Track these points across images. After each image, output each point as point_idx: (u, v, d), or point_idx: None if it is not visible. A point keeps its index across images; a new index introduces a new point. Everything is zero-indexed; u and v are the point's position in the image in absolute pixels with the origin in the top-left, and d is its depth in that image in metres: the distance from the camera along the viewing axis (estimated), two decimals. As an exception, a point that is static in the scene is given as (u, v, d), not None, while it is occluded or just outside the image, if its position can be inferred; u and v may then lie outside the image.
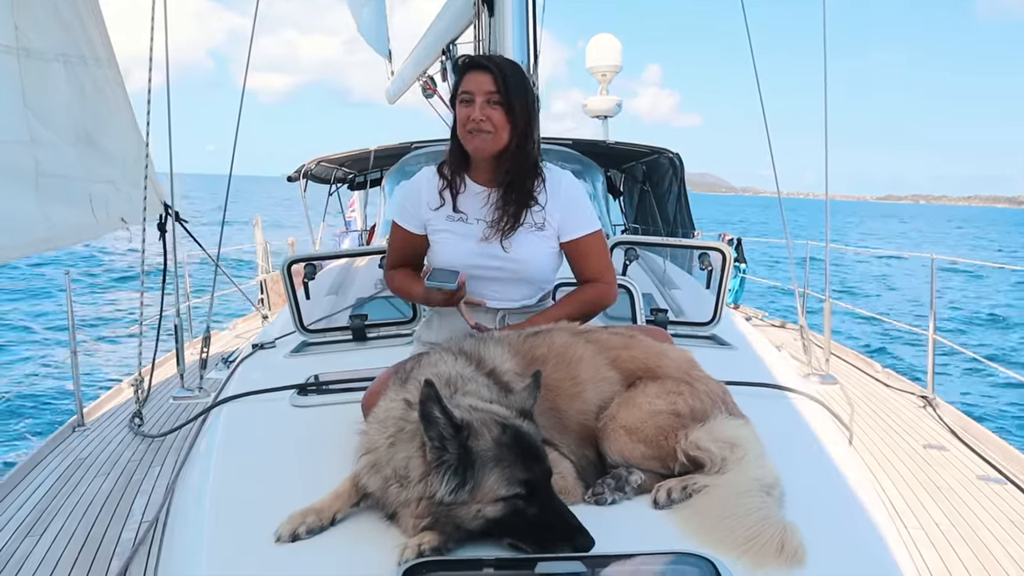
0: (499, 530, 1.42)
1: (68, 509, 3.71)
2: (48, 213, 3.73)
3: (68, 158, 3.98)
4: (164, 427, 4.88)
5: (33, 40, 3.68)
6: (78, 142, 4.11)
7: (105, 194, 4.29)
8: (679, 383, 1.81)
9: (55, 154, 3.85)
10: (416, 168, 5.79)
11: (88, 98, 4.19)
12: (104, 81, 4.35)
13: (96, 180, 4.23)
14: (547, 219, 2.22)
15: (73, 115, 4.09)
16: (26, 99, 3.64)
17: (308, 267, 3.25)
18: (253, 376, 2.79)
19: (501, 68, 2.16)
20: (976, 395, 10.74)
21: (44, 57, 3.80)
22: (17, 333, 14.33)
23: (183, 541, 1.70)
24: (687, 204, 7.71)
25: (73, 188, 4.03)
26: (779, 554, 1.39)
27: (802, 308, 5.79)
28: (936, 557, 3.19)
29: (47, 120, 3.82)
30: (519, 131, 2.16)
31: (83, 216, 4.10)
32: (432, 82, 7.04)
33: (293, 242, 10.75)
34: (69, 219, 3.98)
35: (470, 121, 2.13)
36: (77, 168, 4.07)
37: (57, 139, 3.91)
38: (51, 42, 3.85)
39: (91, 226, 4.24)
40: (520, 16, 4.02)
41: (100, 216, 4.21)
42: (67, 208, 3.94)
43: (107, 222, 4.34)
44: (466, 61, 2.24)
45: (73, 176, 4.03)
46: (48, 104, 3.84)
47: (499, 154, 2.18)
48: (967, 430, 4.81)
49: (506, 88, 2.12)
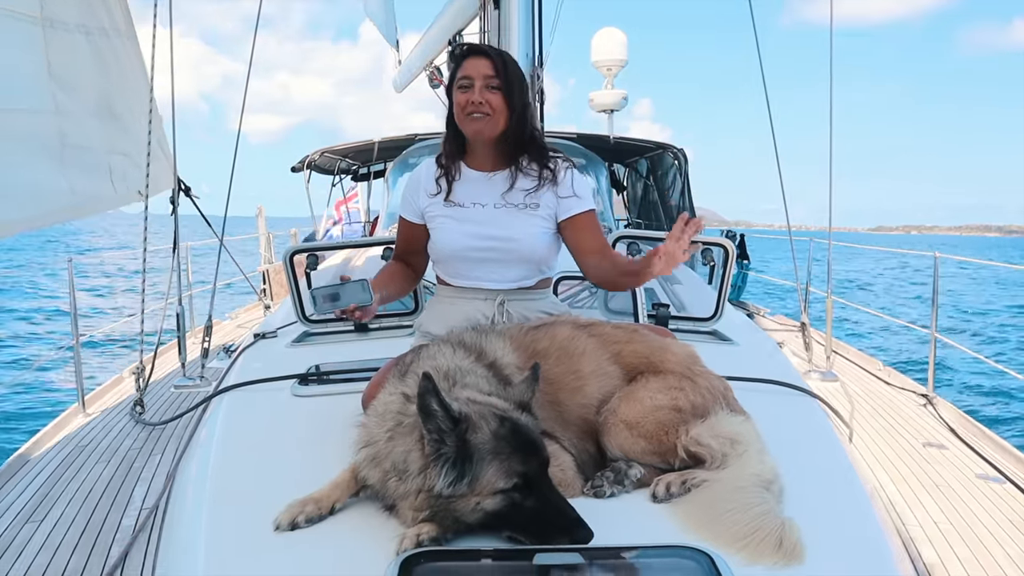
0: (498, 523, 1.42)
1: (69, 495, 3.73)
2: (72, 183, 3.75)
3: (90, 129, 4.01)
4: (165, 415, 4.90)
5: (57, 10, 3.68)
6: (100, 113, 4.13)
7: (123, 166, 4.32)
8: (681, 378, 1.81)
9: (78, 125, 3.86)
10: (419, 160, 5.80)
11: (109, 69, 4.21)
12: (123, 52, 4.37)
13: (116, 152, 4.26)
14: (542, 201, 2.23)
15: (95, 86, 4.10)
16: (51, 69, 3.64)
17: (310, 257, 3.26)
18: (254, 365, 2.79)
19: (500, 54, 2.22)
20: (976, 394, 10.74)
21: (67, 27, 3.80)
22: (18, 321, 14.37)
23: (183, 528, 1.71)
24: (691, 199, 7.69)
25: (95, 159, 4.06)
26: (777, 550, 1.39)
27: (804, 305, 5.79)
28: (934, 555, 3.19)
29: (71, 91, 3.82)
30: (517, 115, 2.20)
31: (103, 187, 4.13)
32: (439, 72, 7.04)
33: (296, 233, 10.77)
34: (91, 189, 4.01)
35: (469, 104, 2.16)
36: (98, 139, 4.09)
37: (80, 110, 3.92)
38: (73, 12, 3.85)
39: (110, 198, 4.27)
40: (526, 8, 4.02)
41: (119, 188, 4.25)
42: (89, 179, 3.97)
43: (125, 194, 4.37)
44: (463, 49, 2.28)
45: (95, 147, 4.05)
46: (71, 75, 3.84)
47: (498, 137, 2.21)
48: (967, 428, 4.82)
49: (505, 72, 2.16)
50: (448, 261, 2.30)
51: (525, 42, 4.00)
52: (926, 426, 4.94)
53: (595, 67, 12.25)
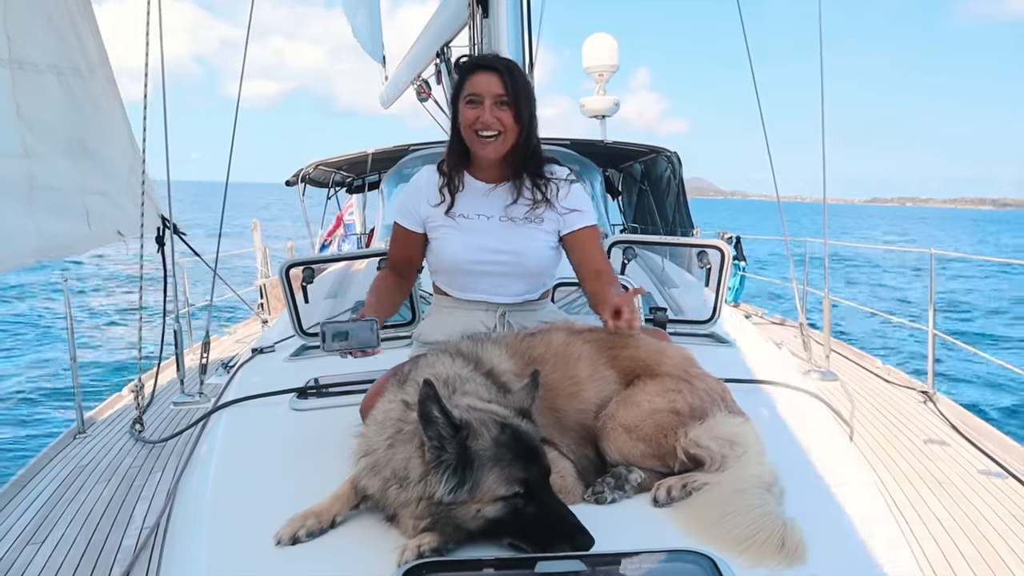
0: (499, 530, 1.41)
1: (69, 516, 3.71)
2: (40, 225, 3.70)
3: (62, 170, 3.96)
4: (165, 433, 4.88)
5: (26, 51, 3.67)
6: (72, 153, 4.09)
7: (101, 206, 4.25)
8: (678, 381, 1.81)
9: (49, 166, 3.83)
10: (414, 171, 5.80)
11: (82, 109, 4.16)
12: (99, 91, 4.32)
13: (91, 192, 4.20)
14: (546, 215, 2.23)
15: (67, 126, 4.06)
16: (20, 111, 3.63)
17: (307, 271, 3.25)
18: (253, 380, 2.79)
19: (508, 68, 2.19)
20: (976, 390, 10.74)
21: (37, 68, 3.77)
22: (16, 339, 14.32)
23: (184, 546, 1.70)
24: (686, 203, 7.70)
25: (67, 200, 4.00)
26: (780, 551, 1.39)
27: (801, 305, 5.79)
28: (937, 551, 3.19)
29: (41, 132, 3.80)
30: (525, 128, 2.19)
31: (77, 228, 4.07)
32: (427, 86, 7.04)
33: (292, 246, 10.76)
34: (62, 231, 3.95)
35: (479, 123, 2.15)
36: (71, 180, 4.04)
37: (51, 151, 3.88)
38: (44, 52, 3.82)
39: (86, 238, 4.21)
40: (515, 17, 4.02)
41: (96, 228, 4.20)
42: (60, 220, 3.91)
43: (103, 234, 4.31)
44: (472, 62, 2.25)
45: (67, 188, 4.00)
46: (42, 116, 3.81)
47: (506, 153, 2.21)
48: (968, 424, 4.81)
49: (514, 88, 2.15)
50: (450, 273, 2.29)
51: (515, 50, 4.00)
52: (927, 423, 4.94)
53: (587, 73, 12.30)
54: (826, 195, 5.42)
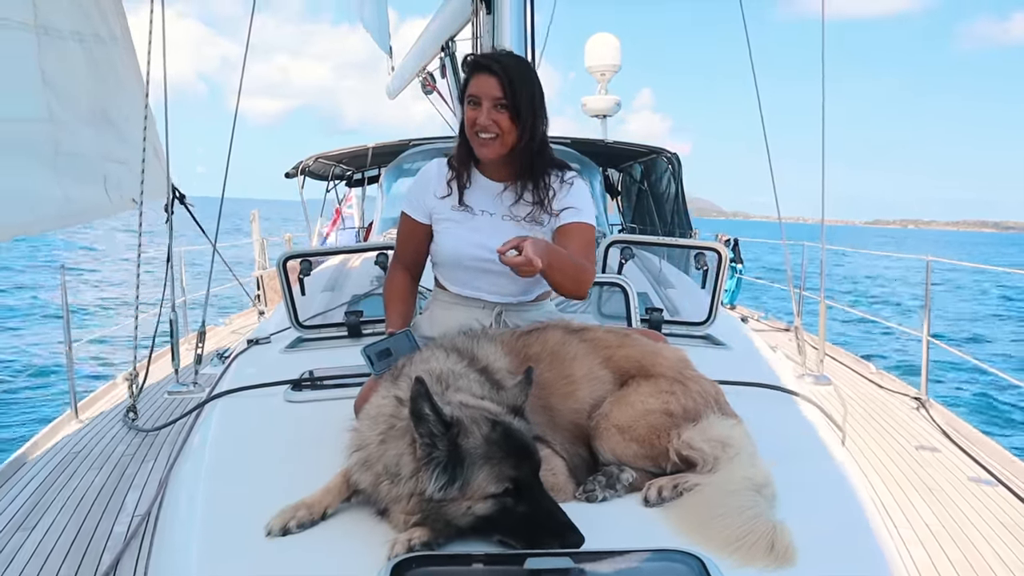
0: (489, 527, 1.42)
1: (60, 503, 3.71)
2: (66, 191, 3.74)
3: (85, 137, 3.98)
4: (158, 421, 4.87)
5: (51, 17, 3.66)
6: (94, 121, 4.10)
7: (118, 174, 4.28)
8: (672, 382, 1.82)
9: (72, 133, 3.84)
10: (414, 165, 5.79)
11: (104, 77, 4.18)
12: (118, 60, 4.33)
13: (111, 159, 4.23)
14: (545, 216, 2.24)
15: (90, 94, 4.06)
16: (45, 77, 3.62)
17: (304, 263, 3.25)
18: (248, 371, 2.79)
19: (507, 71, 2.15)
20: (968, 397, 10.78)
21: (62, 35, 3.77)
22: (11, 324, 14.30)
23: (175, 535, 1.70)
24: (684, 204, 7.70)
25: (89, 167, 4.03)
26: (768, 553, 1.40)
27: (797, 309, 5.80)
28: (925, 557, 3.20)
29: (65, 98, 3.80)
30: (527, 128, 2.18)
31: (97, 195, 4.10)
32: (431, 79, 7.04)
33: (290, 238, 10.75)
34: (84, 197, 3.98)
35: (476, 125, 2.15)
36: (93, 147, 4.06)
37: (74, 118, 3.89)
38: (67, 19, 3.82)
39: (105, 205, 4.23)
40: (518, 13, 4.02)
41: (113, 196, 4.22)
42: (83, 187, 3.94)
43: (120, 202, 4.34)
44: (474, 62, 2.23)
45: (89, 155, 4.03)
46: (66, 83, 3.82)
47: (506, 154, 2.20)
48: (959, 431, 4.83)
49: (512, 92, 2.13)
50: (449, 266, 2.30)
51: (518, 46, 4.00)
52: (919, 429, 4.95)
53: (589, 72, 12.30)
54: (824, 214, 5.42)
